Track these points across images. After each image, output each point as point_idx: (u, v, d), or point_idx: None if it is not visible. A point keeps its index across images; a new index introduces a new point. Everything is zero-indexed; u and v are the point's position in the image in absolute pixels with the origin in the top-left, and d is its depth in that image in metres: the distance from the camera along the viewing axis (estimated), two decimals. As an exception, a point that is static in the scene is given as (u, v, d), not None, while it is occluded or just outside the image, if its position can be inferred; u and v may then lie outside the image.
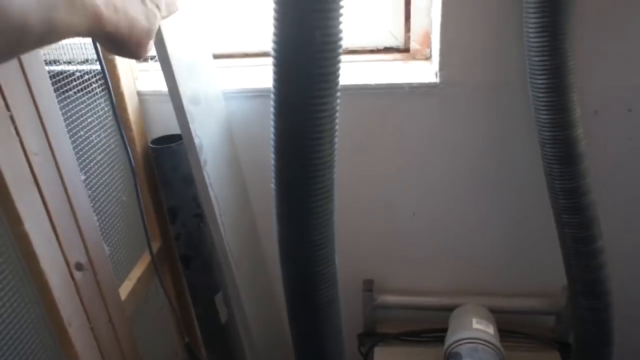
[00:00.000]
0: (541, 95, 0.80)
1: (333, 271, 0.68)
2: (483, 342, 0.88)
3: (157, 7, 0.52)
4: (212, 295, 1.15)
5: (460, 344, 0.89)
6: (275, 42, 0.56)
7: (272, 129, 0.62)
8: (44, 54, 0.76)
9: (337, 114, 0.59)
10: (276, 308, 1.22)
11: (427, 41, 0.96)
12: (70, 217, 0.78)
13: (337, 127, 0.60)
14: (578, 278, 0.90)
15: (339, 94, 0.58)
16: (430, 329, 1.07)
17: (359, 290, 1.12)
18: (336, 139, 0.61)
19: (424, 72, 0.94)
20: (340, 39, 0.55)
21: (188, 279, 1.13)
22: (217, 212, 0.98)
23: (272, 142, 0.63)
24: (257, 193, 1.09)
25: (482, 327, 0.92)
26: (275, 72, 0.57)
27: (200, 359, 1.21)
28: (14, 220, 0.67)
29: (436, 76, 0.90)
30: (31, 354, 0.73)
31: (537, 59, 0.78)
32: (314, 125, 0.58)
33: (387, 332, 1.13)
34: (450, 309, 1.08)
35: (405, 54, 1.00)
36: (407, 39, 0.99)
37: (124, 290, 0.96)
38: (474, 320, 0.94)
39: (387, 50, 1.02)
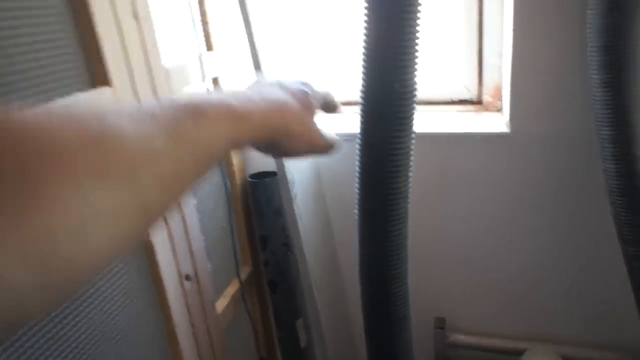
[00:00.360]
0: (607, 145, 0.86)
1: (406, 290, 0.77)
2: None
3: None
4: (294, 320, 1.26)
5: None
6: (362, 91, 0.68)
7: (357, 165, 0.73)
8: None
9: (412, 152, 0.70)
10: (351, 331, 1.29)
11: (498, 94, 1.05)
12: (184, 235, 0.94)
13: (411, 163, 0.71)
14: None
15: (413, 134, 0.69)
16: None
17: (431, 328, 1.17)
18: (411, 174, 0.71)
19: (495, 122, 1.02)
20: (415, 89, 0.67)
21: (273, 303, 1.25)
22: (303, 242, 1.10)
23: (356, 176, 0.74)
24: (340, 225, 1.20)
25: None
26: (361, 116, 0.70)
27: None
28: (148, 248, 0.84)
29: (507, 126, 0.98)
30: (145, 345, 0.88)
31: (602, 112, 0.84)
32: (392, 161, 0.69)
33: (457, 370, 1.17)
34: (520, 352, 1.10)
35: (478, 106, 1.09)
36: (480, 92, 1.08)
37: (220, 305, 1.10)
38: (540, 348, 0.97)
39: (462, 102, 1.12)
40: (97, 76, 0.71)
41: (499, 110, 1.06)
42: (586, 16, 0.83)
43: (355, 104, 0.72)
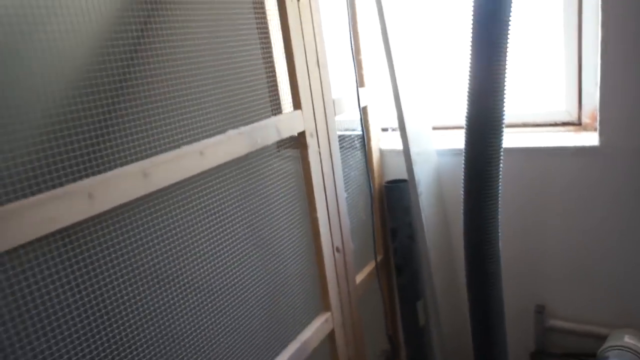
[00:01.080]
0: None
1: (496, 251, 1.04)
2: (632, 351, 1.08)
3: None
4: (415, 301, 1.55)
5: (610, 350, 1.10)
6: (466, 118, 0.99)
7: (463, 173, 1.04)
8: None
9: (502, 163, 0.99)
10: (463, 313, 1.54)
11: (595, 116, 1.26)
12: (337, 216, 1.30)
13: (501, 170, 0.99)
14: None
15: (502, 150, 0.98)
16: (592, 352, 1.27)
17: (531, 313, 1.39)
18: (501, 172, 0.99)
19: (591, 138, 1.24)
20: (503, 116, 0.96)
21: (399, 285, 1.56)
22: (426, 233, 1.40)
23: (462, 179, 1.04)
24: (454, 218, 1.48)
25: (633, 342, 1.11)
26: (465, 137, 1.00)
27: (398, 349, 1.60)
28: (312, 208, 1.21)
29: (597, 141, 1.20)
30: (306, 290, 1.24)
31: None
32: (487, 169, 0.98)
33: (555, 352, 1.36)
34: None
35: (578, 127, 1.31)
36: (580, 115, 1.30)
37: (358, 278, 1.43)
38: (627, 337, 1.14)
39: (564, 124, 1.35)
40: (294, 104, 1.12)
41: (596, 129, 1.27)
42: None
43: (461, 127, 1.03)
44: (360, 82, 1.44)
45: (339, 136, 1.33)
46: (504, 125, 0.97)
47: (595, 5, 1.18)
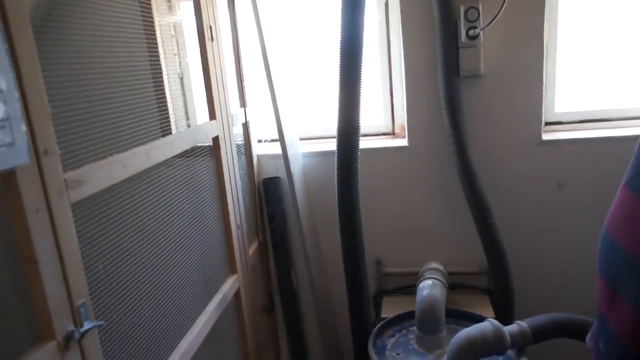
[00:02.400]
0: (453, 152, 1.74)
1: (359, 217, 1.60)
2: (433, 269, 1.74)
3: None
4: (289, 270, 2.02)
5: (423, 275, 1.74)
6: (338, 128, 1.53)
7: (336, 164, 1.57)
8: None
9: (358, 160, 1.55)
10: (326, 277, 2.06)
11: (404, 127, 1.93)
12: (237, 202, 1.71)
13: (359, 167, 1.55)
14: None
15: (358, 152, 1.55)
16: (412, 284, 1.90)
17: (373, 265, 1.98)
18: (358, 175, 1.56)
19: (402, 142, 1.90)
20: (359, 126, 1.52)
21: (276, 257, 2.02)
22: (301, 215, 1.89)
23: (323, 174, 1.57)
24: (318, 206, 2.00)
25: (434, 265, 1.77)
26: (337, 141, 1.54)
27: (274, 304, 2.05)
28: (223, 194, 1.61)
29: (407, 142, 1.86)
30: (220, 264, 1.62)
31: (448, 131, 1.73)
32: (353, 160, 1.53)
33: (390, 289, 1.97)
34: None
35: (393, 135, 1.97)
36: (393, 127, 1.96)
37: (249, 251, 1.85)
38: (433, 263, 1.80)
39: (384, 134, 1.99)
40: (210, 115, 1.52)
41: (404, 136, 1.94)
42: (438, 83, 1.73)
43: (320, 137, 1.56)
44: (242, 103, 1.89)
45: (238, 145, 1.76)
46: (360, 133, 1.53)
47: (399, 54, 1.84)
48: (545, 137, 1.78)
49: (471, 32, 1.62)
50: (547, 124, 1.86)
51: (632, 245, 0.78)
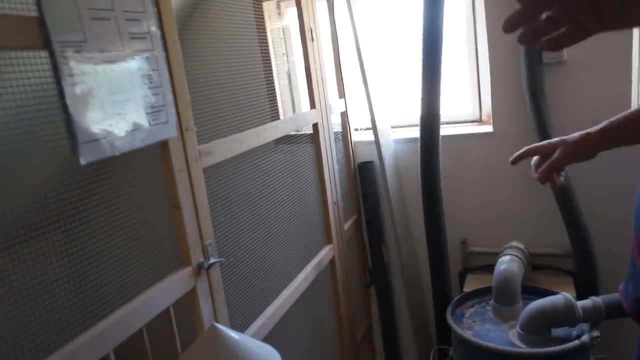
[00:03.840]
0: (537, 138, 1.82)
1: (440, 197, 1.76)
2: (513, 247, 1.84)
3: None
4: (380, 245, 2.23)
5: (502, 254, 1.85)
6: (421, 117, 1.71)
7: (419, 151, 1.75)
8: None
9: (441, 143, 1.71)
10: (415, 253, 2.24)
11: (489, 115, 2.04)
12: (334, 182, 1.96)
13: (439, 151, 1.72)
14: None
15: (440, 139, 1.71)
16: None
17: (459, 244, 2.12)
18: (440, 150, 1.72)
19: (488, 128, 2.01)
20: (439, 113, 1.69)
21: (369, 234, 2.24)
22: (391, 196, 2.09)
23: (414, 157, 1.76)
24: (408, 188, 2.19)
25: (516, 244, 1.87)
26: (420, 129, 1.72)
27: (372, 278, 2.27)
28: (321, 175, 1.87)
29: (492, 129, 1.97)
30: (318, 234, 1.88)
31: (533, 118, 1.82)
32: (434, 146, 1.70)
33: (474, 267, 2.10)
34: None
35: (480, 122, 2.09)
36: (480, 115, 2.08)
37: (345, 226, 2.10)
38: (514, 242, 1.90)
39: (472, 121, 2.12)
40: (311, 105, 1.78)
41: (490, 123, 2.05)
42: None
43: (410, 125, 1.74)
44: (340, 95, 2.13)
45: (336, 133, 2.01)
46: (440, 121, 1.70)
47: (485, 46, 1.96)
48: (635, 122, 1.79)
49: (553, 22, 1.70)
50: (640, 109, 1.86)
51: None
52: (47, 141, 0.88)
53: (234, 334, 0.97)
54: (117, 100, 0.93)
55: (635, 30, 1.76)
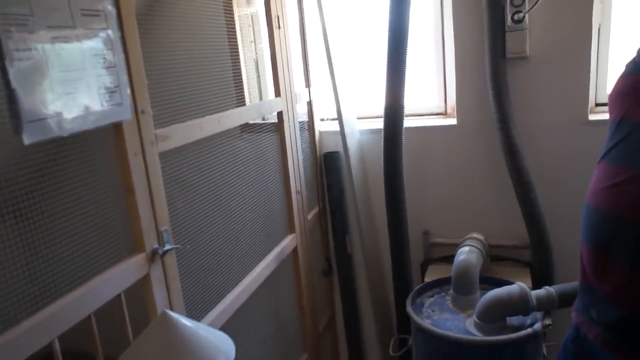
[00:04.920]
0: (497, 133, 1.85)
1: (403, 189, 1.77)
2: (473, 238, 1.87)
3: None
4: (344, 235, 2.24)
5: (462, 244, 1.88)
6: (385, 107, 1.71)
7: (383, 142, 1.76)
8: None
9: (404, 135, 1.72)
10: (377, 242, 2.26)
11: (454, 108, 2.06)
12: (298, 171, 1.95)
13: (404, 137, 1.72)
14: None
15: (403, 132, 1.72)
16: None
17: (421, 235, 2.15)
18: (403, 142, 1.73)
19: (452, 121, 2.04)
20: (403, 105, 1.69)
21: (333, 223, 2.24)
22: (355, 186, 2.09)
23: (377, 148, 1.76)
24: (373, 179, 2.20)
25: (475, 235, 1.91)
26: (384, 121, 1.72)
27: (332, 267, 2.28)
28: (285, 163, 1.85)
29: (456, 122, 1.99)
30: (280, 223, 1.87)
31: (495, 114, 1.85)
32: (397, 137, 1.71)
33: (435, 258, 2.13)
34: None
35: (445, 115, 2.11)
36: (446, 108, 2.10)
37: (309, 216, 2.09)
38: (474, 234, 1.93)
39: (437, 114, 2.14)
40: (276, 93, 1.76)
41: (454, 117, 2.07)
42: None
43: (374, 117, 1.74)
44: (307, 84, 2.12)
45: (301, 123, 2.00)
46: (404, 113, 1.71)
47: (451, 39, 1.98)
48: (592, 117, 1.85)
49: (516, 17, 1.73)
50: (597, 104, 1.91)
51: (618, 209, 0.87)
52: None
53: (186, 321, 0.96)
54: (67, 79, 0.90)
55: (595, 27, 1.80)
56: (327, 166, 2.20)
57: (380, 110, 2.21)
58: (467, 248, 1.85)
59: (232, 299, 1.45)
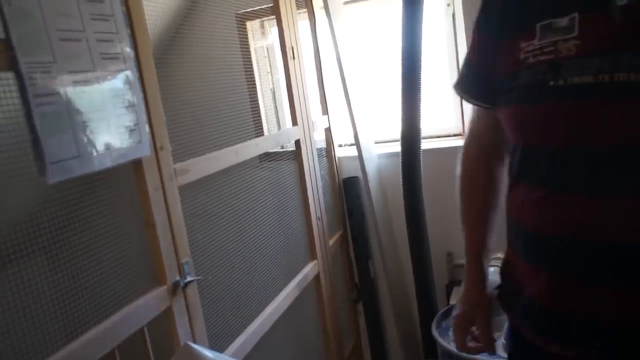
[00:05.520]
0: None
1: (423, 210, 1.76)
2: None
3: None
4: (367, 260, 2.23)
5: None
6: (401, 132, 1.72)
7: (401, 165, 1.76)
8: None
9: (422, 157, 1.72)
10: (401, 267, 2.24)
11: (471, 129, 2.05)
12: (318, 197, 1.97)
13: (421, 159, 1.72)
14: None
15: (421, 154, 1.72)
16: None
17: (445, 257, 2.12)
18: (422, 164, 1.73)
19: (470, 142, 2.02)
20: (420, 128, 1.70)
21: (355, 249, 2.24)
22: (375, 210, 2.09)
23: (395, 172, 1.76)
24: (393, 202, 2.19)
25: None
26: (401, 145, 1.73)
27: (361, 294, 2.26)
28: (304, 190, 1.87)
29: (474, 143, 1.98)
30: (301, 251, 1.88)
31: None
32: (415, 167, 1.71)
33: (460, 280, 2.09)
34: (494, 267, 2.01)
35: (462, 135, 2.10)
36: (463, 128, 2.10)
37: (330, 242, 2.09)
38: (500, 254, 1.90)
39: (455, 135, 2.14)
40: (293, 122, 1.79)
41: (473, 137, 2.06)
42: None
43: (391, 140, 1.75)
44: (324, 111, 2.15)
45: (319, 149, 2.02)
46: (421, 136, 1.71)
47: (466, 62, 1.98)
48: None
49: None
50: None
51: None
52: (15, 162, 0.88)
53: (208, 353, 0.96)
54: (88, 119, 0.94)
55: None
56: (347, 191, 2.20)
57: (398, 133, 2.24)
58: (492, 269, 1.81)
59: (255, 328, 1.45)
